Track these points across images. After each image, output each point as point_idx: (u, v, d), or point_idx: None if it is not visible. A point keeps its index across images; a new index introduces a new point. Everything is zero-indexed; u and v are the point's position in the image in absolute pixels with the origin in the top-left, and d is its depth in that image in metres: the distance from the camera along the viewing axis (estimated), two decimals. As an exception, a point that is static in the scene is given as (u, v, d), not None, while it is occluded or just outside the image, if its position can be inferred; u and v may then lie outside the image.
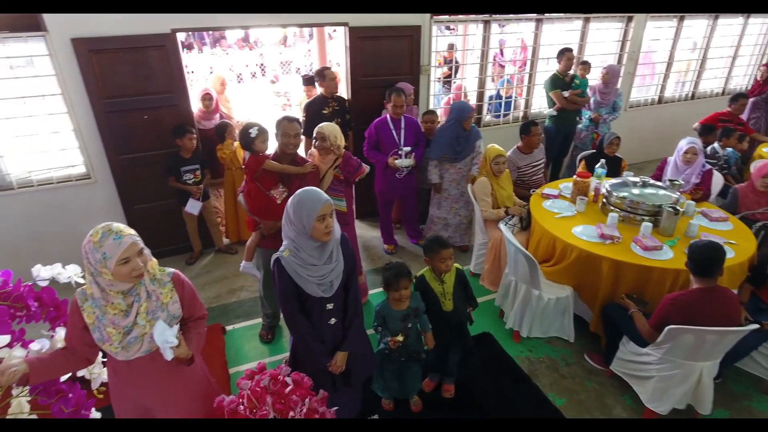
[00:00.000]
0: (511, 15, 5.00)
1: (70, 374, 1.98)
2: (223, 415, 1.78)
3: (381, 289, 2.45)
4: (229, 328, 3.43)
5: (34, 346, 1.87)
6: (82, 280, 2.00)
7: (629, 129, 5.96)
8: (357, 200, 3.27)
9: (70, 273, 2.04)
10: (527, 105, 5.64)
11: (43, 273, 2.00)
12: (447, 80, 6.61)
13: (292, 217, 1.94)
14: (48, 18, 3.31)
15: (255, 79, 12.12)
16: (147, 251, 1.67)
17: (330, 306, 2.07)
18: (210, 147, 4.27)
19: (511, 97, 5.62)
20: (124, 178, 3.92)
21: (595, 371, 3.00)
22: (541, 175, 4.22)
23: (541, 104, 5.55)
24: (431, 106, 4.92)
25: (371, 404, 2.69)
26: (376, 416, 2.66)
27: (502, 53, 7.58)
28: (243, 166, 2.93)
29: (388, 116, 3.91)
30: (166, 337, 1.61)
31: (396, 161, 3.86)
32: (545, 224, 3.26)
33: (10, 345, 1.71)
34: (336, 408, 1.93)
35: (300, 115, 4.63)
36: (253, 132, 2.80)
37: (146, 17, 3.47)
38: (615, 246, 2.95)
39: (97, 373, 2.11)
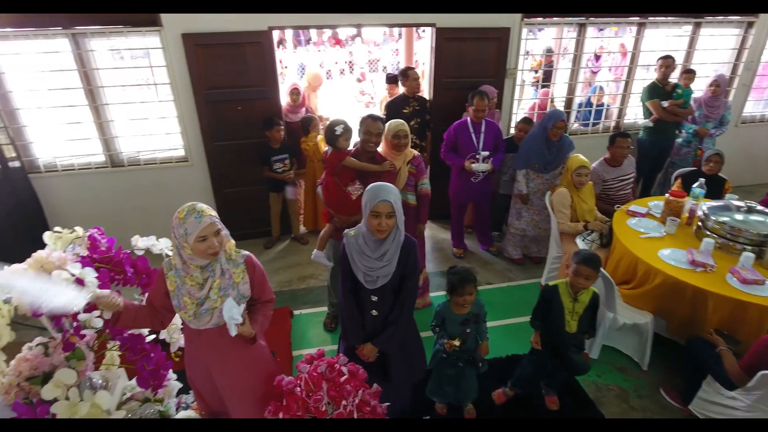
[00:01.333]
0: (611, 18, 4.70)
1: (154, 335, 2.19)
2: (282, 393, 1.88)
3: (444, 292, 2.42)
4: (296, 312, 3.60)
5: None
6: (171, 253, 2.22)
7: (738, 147, 5.37)
8: (431, 200, 3.29)
9: (163, 245, 2.26)
10: (620, 114, 5.28)
11: (140, 243, 2.24)
12: (541, 85, 6.33)
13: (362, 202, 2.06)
14: (164, 15, 3.67)
15: (343, 77, 12.50)
16: (225, 232, 1.81)
17: (374, 298, 2.13)
18: (295, 139, 4.49)
19: (602, 105, 5.29)
20: (217, 163, 4.24)
21: (670, 408, 2.75)
22: (629, 191, 3.93)
23: (637, 114, 5.17)
24: (514, 111, 4.78)
25: (426, 407, 2.69)
26: (428, 417, 2.66)
27: (596, 59, 7.15)
28: (324, 160, 3.05)
29: (468, 119, 3.86)
30: (233, 314, 1.74)
31: (473, 165, 3.80)
32: (628, 244, 3.04)
33: (108, 304, 1.92)
34: (388, 404, 1.96)
35: (381, 113, 4.71)
36: (339, 129, 2.90)
37: (246, 15, 3.72)
38: (707, 275, 2.69)
39: (176, 338, 2.32)
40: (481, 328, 2.42)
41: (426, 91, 4.61)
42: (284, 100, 4.65)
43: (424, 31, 5.52)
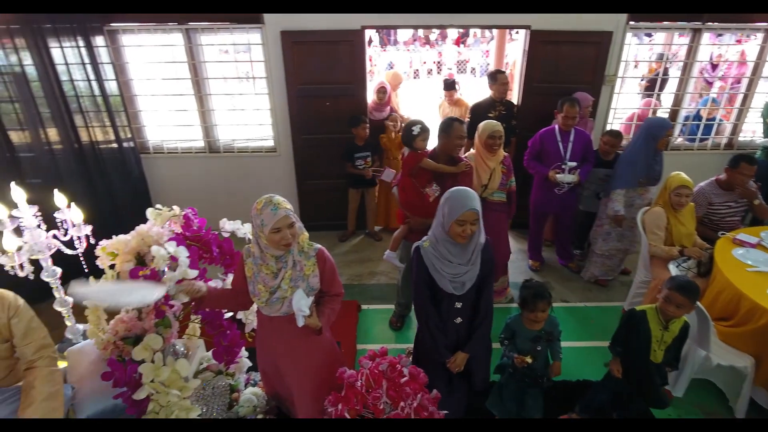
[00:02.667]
0: (731, 24, 4.23)
1: (231, 314, 2.34)
2: (343, 385, 1.92)
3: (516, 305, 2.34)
4: (364, 307, 3.66)
5: (211, 284, 2.26)
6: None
7: None
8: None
9: (246, 230, 2.41)
10: (735, 131, 4.73)
11: (227, 226, 2.40)
12: (647, 94, 5.84)
13: (439, 209, 2.03)
14: (266, 14, 3.89)
15: (430, 77, 12.46)
16: (299, 225, 1.88)
17: (458, 305, 2.09)
18: (378, 137, 4.55)
19: (714, 119, 4.77)
20: (302, 155, 4.43)
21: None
22: (738, 218, 3.50)
23: (755, 132, 4.61)
24: (609, 122, 4.47)
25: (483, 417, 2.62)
26: None
27: (713, 68, 6.47)
28: (401, 160, 3.08)
29: (556, 127, 3.68)
30: (301, 306, 1.80)
31: (557, 175, 3.62)
32: (731, 276, 2.73)
33: (195, 279, 2.09)
34: (446, 412, 1.94)
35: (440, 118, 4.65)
36: (416, 130, 2.91)
37: (341, 15, 3.84)
38: (828, 321, 2.34)
39: (251, 320, 2.46)
40: (554, 348, 2.31)
41: (514, 95, 4.47)
42: (370, 97, 4.74)
43: (517, 32, 5.35)
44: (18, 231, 2.34)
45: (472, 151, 3.33)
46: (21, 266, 2.27)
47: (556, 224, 4.14)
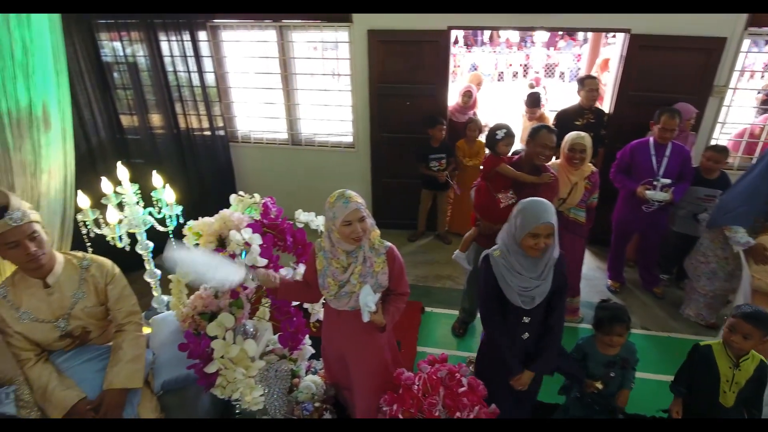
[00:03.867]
0: None
1: (298, 303, 2.42)
2: (400, 385, 1.92)
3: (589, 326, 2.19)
4: (428, 309, 3.63)
5: (282, 272, 2.35)
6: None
7: None
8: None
9: (319, 222, 2.48)
10: None
11: (301, 217, 2.48)
12: (765, 109, 5.19)
13: (511, 219, 1.94)
14: (355, 13, 3.98)
15: (515, 80, 12.07)
16: (370, 221, 1.89)
17: (526, 319, 1.99)
18: (457, 139, 4.48)
19: None
20: (379, 153, 4.49)
21: None
22: None
23: None
24: (715, 137, 4.05)
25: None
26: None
27: None
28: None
29: (651, 139, 3.39)
30: (368, 302, 1.82)
31: (647, 192, 3.33)
32: None
33: (266, 267, 2.19)
34: (503, 428, 1.86)
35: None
36: (500, 134, 2.84)
37: (428, 15, 3.82)
38: None
39: (317, 311, 2.53)
40: (628, 375, 2.14)
41: (606, 102, 4.19)
42: (453, 99, 4.68)
43: (614, 36, 5.01)
44: (120, 206, 2.59)
45: (557, 160, 3.15)
46: (120, 238, 2.51)
47: (640, 244, 3.83)
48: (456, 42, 12.18)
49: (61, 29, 2.42)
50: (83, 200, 2.44)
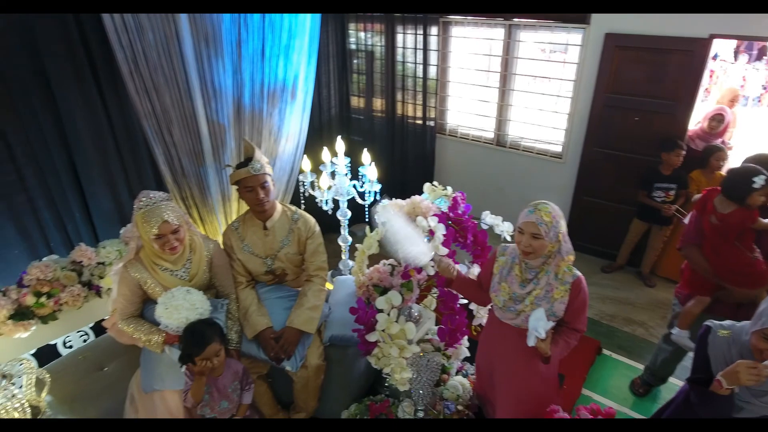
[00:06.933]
0: None
1: (465, 301, 2.39)
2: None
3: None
4: (605, 351, 3.20)
5: (457, 267, 2.34)
6: (508, 238, 2.32)
7: None
8: None
9: (504, 228, 2.39)
10: None
11: (487, 219, 2.43)
12: None
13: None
14: (594, 14, 3.64)
15: (792, 107, 9.51)
16: (566, 247, 1.74)
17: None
18: (690, 169, 3.76)
19: None
20: (589, 168, 4.08)
21: None
22: None
23: None
24: None
25: None
26: None
27: None
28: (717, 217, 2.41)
29: None
30: (537, 327, 1.67)
31: None
32: None
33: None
34: None
35: None
36: (758, 182, 2.18)
37: (683, 19, 3.25)
38: None
39: (482, 315, 2.47)
40: None
41: None
42: (694, 120, 3.92)
43: None
44: (332, 175, 2.94)
45: None
46: (326, 202, 2.86)
47: None
48: (716, 56, 10.17)
49: (320, 17, 2.82)
50: (306, 164, 2.85)
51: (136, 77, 2.20)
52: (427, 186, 2.51)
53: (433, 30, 4.35)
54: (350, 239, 3.15)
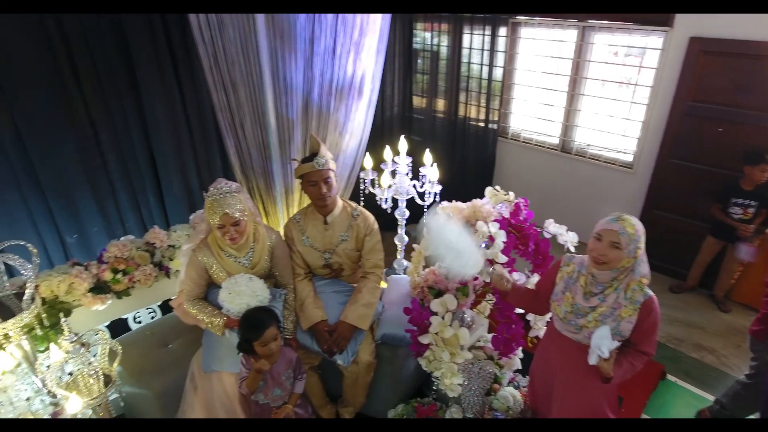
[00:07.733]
0: None
1: (522, 312, 2.31)
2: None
3: None
4: (670, 377, 3.00)
5: (515, 275, 2.28)
6: (572, 248, 2.22)
7: None
8: None
9: (568, 238, 2.29)
10: None
11: (551, 228, 2.34)
12: None
13: None
14: (679, 16, 3.40)
15: None
16: (642, 268, 1.65)
17: None
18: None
19: None
20: (663, 181, 3.84)
21: None
22: None
23: None
24: None
25: None
26: None
27: None
28: None
29: None
30: (601, 345, 1.58)
31: None
32: None
33: (503, 265, 2.15)
34: None
35: None
36: None
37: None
38: None
39: (539, 326, 2.38)
40: None
41: None
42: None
43: None
44: (393, 173, 2.95)
45: None
46: (385, 200, 2.87)
47: None
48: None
49: (390, 16, 2.83)
50: (368, 161, 2.87)
51: (215, 72, 2.31)
52: (488, 190, 2.45)
53: (502, 31, 4.25)
54: (407, 239, 3.14)
